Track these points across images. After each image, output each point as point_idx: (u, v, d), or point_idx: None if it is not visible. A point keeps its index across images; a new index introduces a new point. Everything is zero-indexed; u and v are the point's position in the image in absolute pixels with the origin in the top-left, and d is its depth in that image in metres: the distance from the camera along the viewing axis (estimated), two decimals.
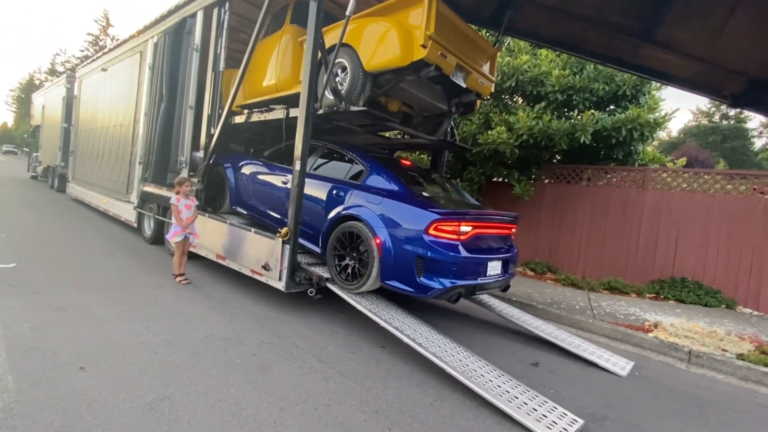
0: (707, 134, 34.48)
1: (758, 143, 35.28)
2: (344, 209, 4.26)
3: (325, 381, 3.09)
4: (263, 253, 4.61)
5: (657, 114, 7.55)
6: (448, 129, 5.72)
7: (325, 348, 3.71)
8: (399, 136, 6.52)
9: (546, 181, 8.76)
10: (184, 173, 6.40)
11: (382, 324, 3.72)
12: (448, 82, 4.76)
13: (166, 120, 6.92)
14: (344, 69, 4.42)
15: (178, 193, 5.29)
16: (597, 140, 7.64)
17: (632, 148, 8.23)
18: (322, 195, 4.61)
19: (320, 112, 4.39)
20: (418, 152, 9.08)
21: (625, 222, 7.81)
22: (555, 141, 7.58)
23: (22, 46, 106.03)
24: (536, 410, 2.93)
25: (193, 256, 5.86)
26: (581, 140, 7.38)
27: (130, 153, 8.29)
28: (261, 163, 5.65)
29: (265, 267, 4.54)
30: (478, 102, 5.26)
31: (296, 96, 4.98)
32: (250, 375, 3.04)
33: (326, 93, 4.35)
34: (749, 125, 36.36)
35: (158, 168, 7.02)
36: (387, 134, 6.55)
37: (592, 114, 7.41)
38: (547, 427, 2.75)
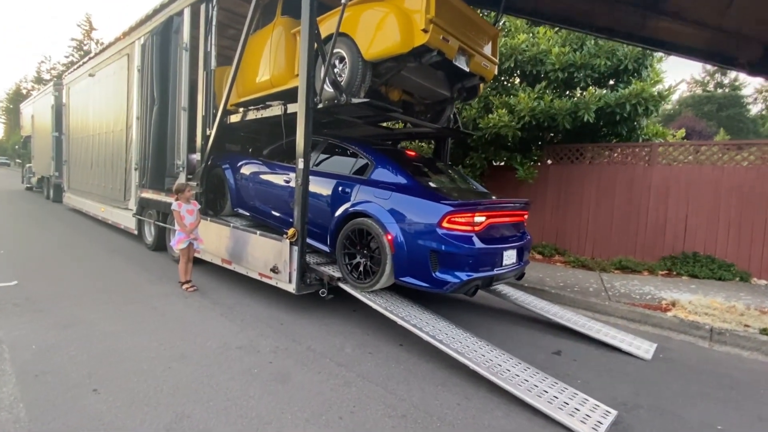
0: (702, 104, 34.14)
1: (754, 110, 35.05)
2: (352, 206, 4.13)
3: (347, 386, 2.99)
4: (271, 256, 4.48)
5: (660, 87, 7.38)
6: (451, 116, 5.55)
7: (342, 350, 3.60)
8: (400, 126, 6.36)
9: (549, 162, 8.61)
10: (182, 177, 6.24)
11: (400, 322, 3.61)
12: (449, 67, 4.59)
13: (159, 123, 6.73)
14: (342, 60, 4.24)
15: (177, 199, 5.14)
16: (600, 117, 7.47)
17: (636, 123, 8.08)
18: (327, 192, 4.47)
19: (320, 106, 4.22)
20: (418, 141, 8.90)
21: (632, 199, 7.69)
22: (558, 121, 7.42)
23: (22, 46, 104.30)
24: (567, 404, 2.83)
25: (197, 261, 5.73)
26: (584, 118, 7.22)
27: (125, 159, 8.10)
28: (261, 163, 5.50)
29: (274, 270, 4.42)
30: (481, 86, 5.07)
31: (293, 91, 4.82)
32: (269, 385, 2.93)
33: (325, 86, 4.17)
34: (744, 92, 36.11)
35: (155, 173, 6.85)
36: (386, 124, 6.37)
37: (595, 90, 7.22)
38: (581, 420, 2.66)
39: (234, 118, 5.72)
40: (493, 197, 4.53)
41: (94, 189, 9.78)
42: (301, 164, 4.14)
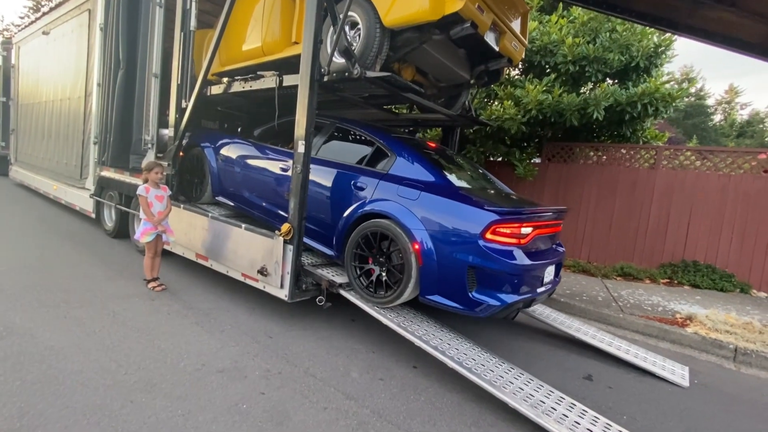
0: (675, 109, 35.27)
1: (715, 119, 36.38)
2: (368, 205, 3.48)
3: (363, 429, 2.39)
4: (259, 255, 3.79)
5: (671, 87, 7.07)
6: (466, 102, 4.97)
7: (347, 375, 2.99)
8: (405, 111, 5.73)
9: (549, 160, 8.22)
10: (151, 155, 5.39)
11: (418, 343, 3.04)
12: (474, 45, 4.00)
13: (125, 91, 5.80)
14: (355, 25, 3.56)
15: (146, 181, 4.33)
16: (606, 116, 7.09)
17: (641, 124, 7.79)
18: (335, 186, 3.81)
19: (327, 78, 3.53)
20: (421, 130, 8.28)
21: (634, 203, 7.41)
22: (565, 117, 6.99)
23: None
24: None
25: (166, 253, 4.94)
26: (593, 115, 6.82)
27: (82, 131, 7.06)
28: (251, 145, 4.71)
29: (262, 271, 3.73)
30: (505, 70, 4.51)
31: (287, 61, 4.12)
32: (263, 430, 2.30)
33: (335, 56, 3.48)
34: (707, 102, 37.47)
35: (118, 149, 5.94)
36: (392, 108, 5.72)
37: (608, 87, 6.82)
38: None
39: (216, 90, 4.91)
40: (533, 203, 3.94)
41: (46, 164, 8.63)
42: (301, 148, 3.46)
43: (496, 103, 7.80)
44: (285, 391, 2.68)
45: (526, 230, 3.12)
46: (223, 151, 4.89)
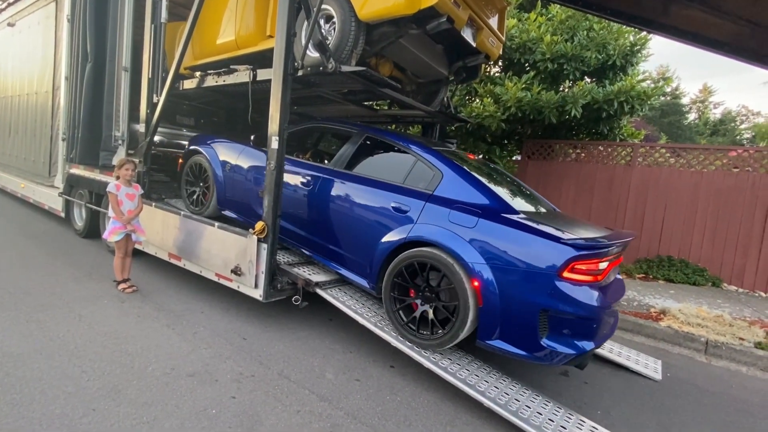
0: (651, 107, 36.12)
1: (690, 118, 37.40)
2: (414, 231, 3.02)
3: (335, 431, 2.34)
4: (232, 254, 3.69)
5: (645, 85, 7.19)
6: (445, 99, 4.94)
7: (323, 376, 2.94)
8: (384, 107, 5.67)
9: (528, 157, 8.29)
10: (121, 152, 5.21)
11: (397, 345, 3.00)
12: (450, 41, 3.97)
13: (93, 86, 5.59)
14: (330, 19, 3.48)
15: (118, 178, 4.18)
16: (584, 113, 7.17)
17: (618, 122, 7.92)
18: (369, 206, 3.34)
19: (301, 73, 3.44)
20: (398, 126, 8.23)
21: (611, 199, 7.54)
22: (544, 114, 7.04)
23: None
24: None
25: (138, 253, 4.79)
26: (572, 113, 6.89)
27: (50, 127, 6.79)
28: (264, 154, 4.02)
29: (236, 271, 3.64)
30: (484, 66, 4.49)
31: (262, 54, 4.01)
32: None
33: (308, 49, 3.40)
34: (682, 101, 38.49)
35: (87, 146, 5.72)
36: (371, 104, 5.66)
37: (586, 85, 6.90)
38: None
39: (188, 84, 4.76)
40: (600, 228, 3.35)
41: (13, 161, 8.28)
42: (275, 144, 3.37)
43: (477, 100, 7.82)
44: (257, 395, 2.61)
45: (603, 265, 2.69)
46: (231, 160, 4.32)
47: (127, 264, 4.29)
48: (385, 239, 3.15)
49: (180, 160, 4.96)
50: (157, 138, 6.18)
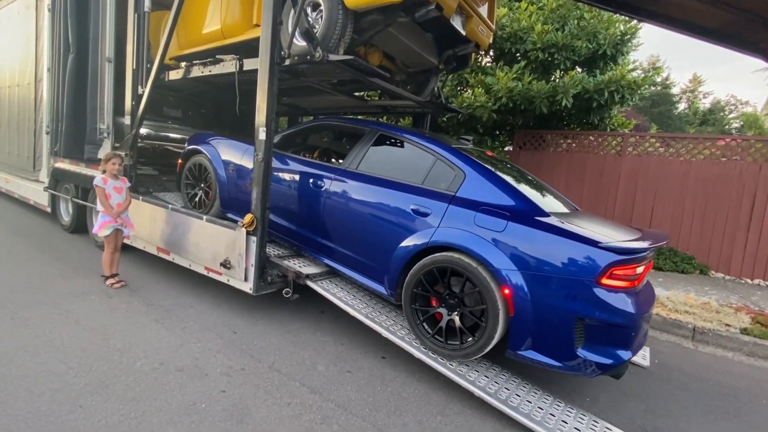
0: (640, 99, 36.31)
1: (680, 108, 37.64)
2: (437, 235, 2.84)
3: (326, 423, 2.34)
4: (221, 247, 3.66)
5: (637, 75, 7.21)
6: (435, 89, 4.90)
7: (314, 368, 2.93)
8: (375, 97, 5.61)
9: (520, 148, 8.30)
10: (107, 145, 5.11)
11: (388, 336, 3.00)
12: (440, 30, 3.92)
13: (77, 77, 5.45)
14: (317, 7, 3.41)
15: (104, 172, 4.10)
16: (575, 103, 7.17)
17: (608, 112, 7.94)
18: (386, 208, 3.16)
19: (288, 62, 3.39)
20: (388, 117, 8.17)
21: (601, 188, 7.59)
22: (535, 104, 7.04)
23: None
24: None
25: (126, 248, 4.73)
26: (562, 103, 6.89)
27: (33, 120, 6.64)
28: (273, 156, 3.91)
29: (225, 264, 3.61)
30: (473, 55, 4.46)
31: (249, 44, 3.93)
32: (223, 429, 2.21)
33: (295, 38, 3.34)
34: (672, 91, 38.71)
35: (71, 139, 5.60)
36: (361, 94, 5.60)
37: (576, 74, 6.88)
38: None
39: (174, 75, 4.67)
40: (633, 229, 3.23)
41: None
42: (262, 135, 3.32)
43: (468, 91, 7.78)
44: (247, 388, 2.60)
45: (640, 270, 2.54)
46: (234, 160, 4.17)
47: (115, 259, 4.23)
48: (404, 243, 2.98)
49: (179, 161, 4.80)
50: (143, 131, 6.09)
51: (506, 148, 8.99)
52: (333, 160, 4.51)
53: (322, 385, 2.72)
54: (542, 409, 2.55)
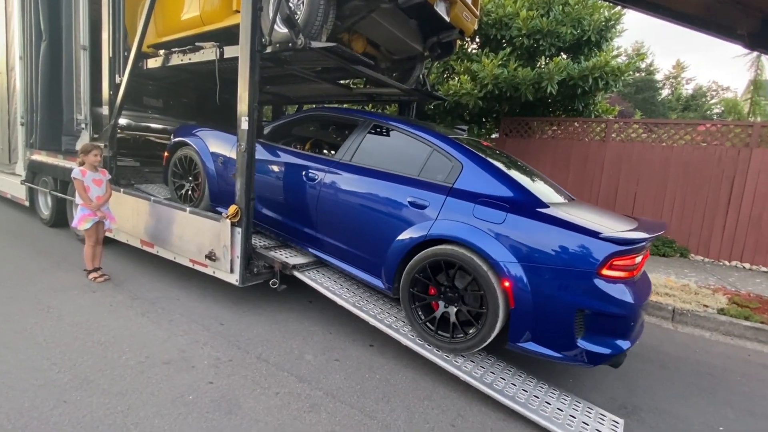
0: (624, 85, 36.63)
1: (663, 94, 38.10)
2: (435, 227, 2.81)
3: (315, 411, 2.36)
4: (206, 239, 3.62)
5: (621, 61, 7.26)
6: (420, 76, 4.87)
7: (302, 358, 2.94)
8: (359, 85, 5.56)
9: (506, 135, 8.33)
10: (86, 137, 4.98)
11: (376, 324, 3.02)
12: (425, 16, 3.88)
13: (50, 66, 5.28)
14: None
15: (82, 164, 4.00)
16: (559, 90, 7.20)
17: (592, 98, 8.00)
18: (382, 201, 3.11)
19: (269, 50, 3.32)
20: (373, 105, 8.11)
21: (586, 175, 7.69)
22: (520, 91, 7.05)
23: None
24: (574, 417, 2.46)
25: (110, 241, 4.65)
26: (547, 90, 6.91)
27: (7, 111, 6.42)
28: (262, 147, 3.90)
29: (210, 256, 3.57)
30: (459, 42, 4.43)
31: (229, 30, 3.85)
32: (210, 420, 2.22)
33: (276, 24, 3.27)
34: (656, 77, 39.11)
35: (47, 130, 5.45)
36: (346, 82, 5.53)
37: (561, 61, 6.90)
38: None
39: (153, 63, 4.55)
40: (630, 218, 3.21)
41: None
42: (245, 124, 3.27)
43: (454, 78, 7.75)
44: (235, 379, 2.60)
45: (638, 260, 2.55)
46: (224, 152, 4.05)
47: (97, 252, 4.16)
48: (401, 236, 2.94)
49: (165, 154, 4.69)
50: (123, 121, 5.94)
51: (493, 136, 9.03)
52: (325, 151, 4.43)
53: (311, 374, 2.74)
54: (526, 392, 2.61)
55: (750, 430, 2.63)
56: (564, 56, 7.61)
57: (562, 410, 2.50)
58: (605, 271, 2.40)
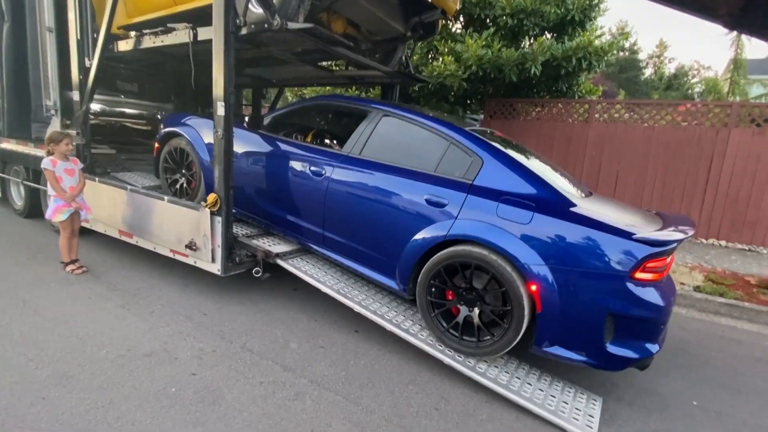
0: (607, 65, 36.71)
1: (646, 73, 38.36)
2: (455, 227, 2.66)
3: (299, 399, 2.37)
4: (186, 229, 3.54)
5: (604, 41, 7.23)
6: (403, 58, 4.77)
7: (287, 346, 2.94)
8: (340, 68, 5.43)
9: (491, 117, 8.30)
10: (56, 123, 4.78)
11: (360, 310, 3.02)
12: None
13: (14, 49, 5.03)
14: None
15: (51, 153, 3.85)
16: (543, 71, 7.17)
17: (576, 79, 7.99)
18: (397, 198, 2.94)
19: (244, 31, 3.20)
20: (356, 89, 7.97)
21: (569, 155, 7.73)
22: (504, 72, 6.99)
23: None
24: (554, 397, 2.53)
25: (87, 232, 4.54)
26: (531, 71, 6.87)
27: None
28: (262, 139, 3.76)
29: (191, 246, 3.51)
30: (444, 23, 4.34)
31: (203, 11, 3.66)
32: (194, 412, 2.21)
33: (251, 4, 3.15)
34: (640, 56, 39.26)
35: (15, 117, 5.23)
36: (326, 65, 5.40)
37: (545, 41, 6.84)
38: (574, 417, 2.36)
39: (124, 46, 4.36)
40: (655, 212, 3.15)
41: None
42: (221, 110, 3.17)
43: (439, 59, 7.64)
44: (219, 370, 2.59)
45: (667, 261, 2.45)
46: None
47: (74, 244, 4.05)
48: (419, 236, 2.79)
49: (156, 145, 4.46)
50: (97, 106, 5.75)
51: (478, 117, 8.99)
52: (327, 141, 4.17)
53: (295, 362, 2.74)
54: (508, 374, 2.66)
55: (724, 405, 2.73)
56: (548, 36, 7.56)
57: (542, 390, 2.56)
58: (638, 274, 2.30)
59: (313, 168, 3.33)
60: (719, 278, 4.93)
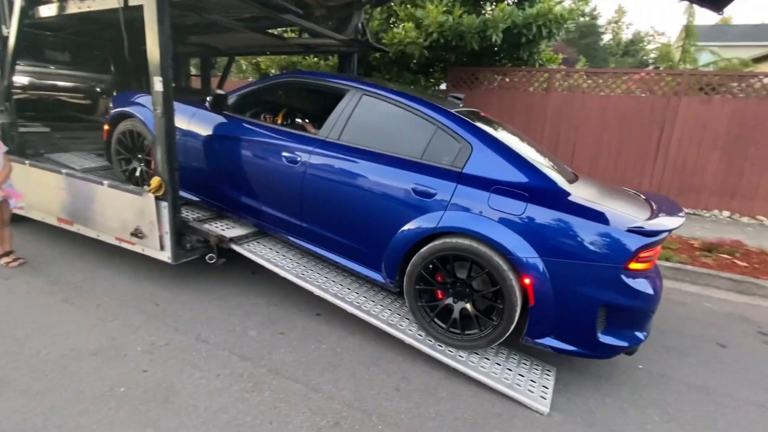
0: (567, 32, 36.98)
1: (605, 39, 38.92)
2: (445, 219, 2.55)
3: (258, 391, 2.32)
4: (130, 215, 3.31)
5: (564, 8, 7.18)
6: (359, 25, 4.54)
7: (245, 334, 2.86)
8: (293, 35, 5.12)
9: (453, 86, 8.19)
10: None
11: (320, 294, 2.96)
12: None
13: None
14: None
15: None
16: (504, 39, 7.07)
17: (537, 47, 7.95)
18: (381, 187, 2.78)
19: None
20: (314, 57, 7.59)
21: (529, 125, 7.80)
22: (466, 40, 6.85)
23: None
24: (511, 370, 2.60)
25: (22, 220, 4.18)
26: (492, 39, 6.76)
27: None
28: (230, 123, 3.44)
29: (137, 234, 3.30)
30: None
31: None
32: (145, 412, 2.11)
33: None
34: (598, 22, 39.69)
35: None
36: (278, 32, 5.07)
37: (506, 7, 6.71)
38: (529, 390, 2.45)
39: (47, 12, 3.88)
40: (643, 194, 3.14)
41: None
42: (159, 86, 2.91)
43: (399, 25, 7.37)
44: (172, 364, 2.49)
45: (657, 249, 2.43)
46: (181, 125, 3.47)
47: (6, 235, 3.72)
48: (406, 228, 2.67)
49: (105, 127, 4.02)
50: (25, 79, 5.23)
51: (441, 86, 8.85)
52: (302, 123, 3.88)
53: (254, 351, 2.68)
54: (477, 354, 2.70)
55: (667, 367, 2.92)
56: (509, 2, 7.42)
57: (500, 364, 2.63)
58: (632, 265, 2.28)
59: (286, 154, 3.09)
60: (665, 243, 5.19)
